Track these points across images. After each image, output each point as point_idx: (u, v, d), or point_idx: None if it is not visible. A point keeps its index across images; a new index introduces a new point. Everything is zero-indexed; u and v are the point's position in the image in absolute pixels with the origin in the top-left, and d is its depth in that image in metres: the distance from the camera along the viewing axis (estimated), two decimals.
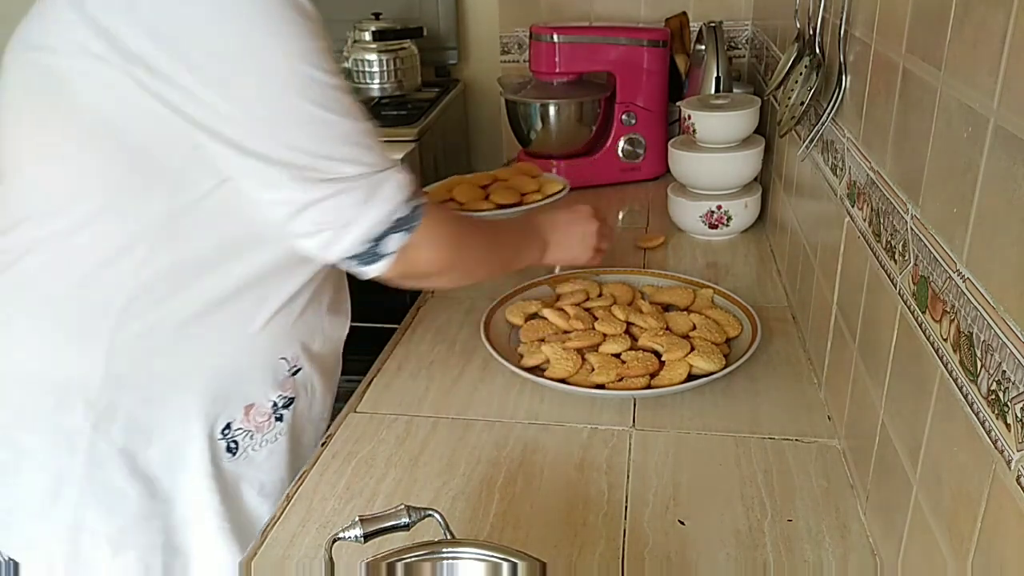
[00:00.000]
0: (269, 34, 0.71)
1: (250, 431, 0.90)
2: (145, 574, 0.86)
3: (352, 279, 1.05)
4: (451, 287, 1.01)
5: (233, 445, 0.89)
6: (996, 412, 0.50)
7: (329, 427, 0.97)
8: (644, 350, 1.03)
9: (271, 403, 0.91)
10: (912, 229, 0.66)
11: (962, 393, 0.55)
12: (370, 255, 0.80)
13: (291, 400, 0.93)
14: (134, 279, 0.80)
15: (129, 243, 0.78)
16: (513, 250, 1.03)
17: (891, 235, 0.72)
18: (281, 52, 0.72)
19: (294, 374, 0.93)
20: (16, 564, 0.84)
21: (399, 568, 0.56)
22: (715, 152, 1.40)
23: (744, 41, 1.96)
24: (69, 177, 0.78)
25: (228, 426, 0.88)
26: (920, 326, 0.64)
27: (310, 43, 0.73)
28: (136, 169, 0.76)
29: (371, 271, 0.82)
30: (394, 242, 0.81)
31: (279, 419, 0.92)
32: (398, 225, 0.80)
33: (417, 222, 0.82)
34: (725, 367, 0.98)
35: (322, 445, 0.93)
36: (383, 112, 1.97)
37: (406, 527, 0.60)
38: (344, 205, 0.77)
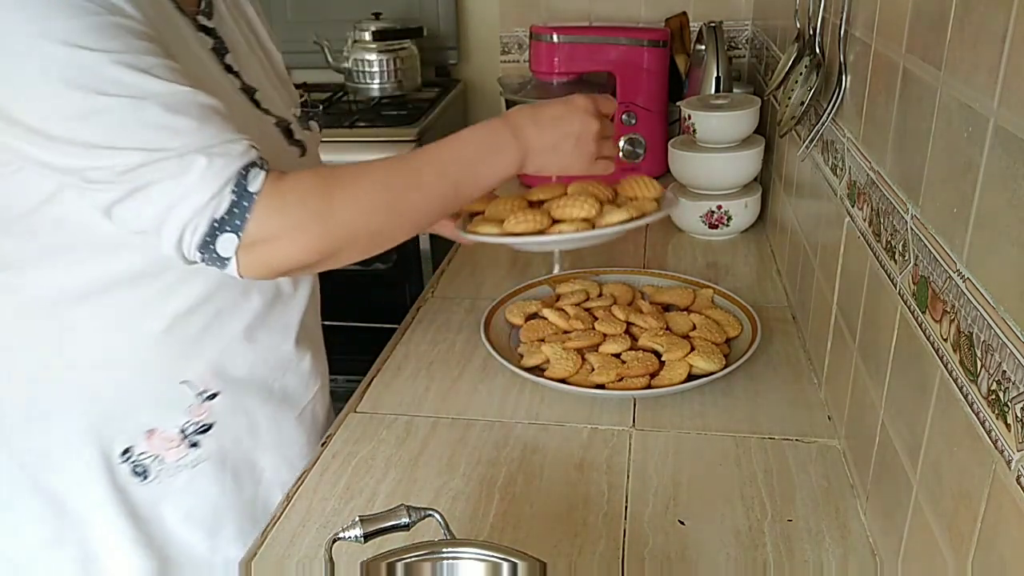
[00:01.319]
0: (13, 16, 0.62)
1: (158, 456, 0.85)
2: None
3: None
4: (367, 256, 0.77)
5: (140, 469, 0.85)
6: (996, 412, 0.50)
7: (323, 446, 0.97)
8: (644, 350, 1.03)
9: (178, 429, 0.86)
10: (912, 229, 0.66)
11: (962, 393, 0.55)
12: (213, 259, 0.69)
13: (208, 426, 0.87)
14: None
15: None
16: (457, 174, 0.79)
17: (891, 235, 0.72)
18: (30, 33, 0.62)
19: (209, 399, 0.87)
20: None
21: (399, 568, 0.56)
22: (715, 152, 1.40)
23: (744, 41, 1.96)
24: None
25: (128, 450, 0.84)
26: (920, 326, 0.64)
27: (67, 21, 0.63)
28: None
29: (233, 273, 0.70)
30: (225, 245, 0.68)
31: (194, 445, 0.87)
32: (220, 226, 0.67)
33: (244, 219, 0.67)
34: (725, 367, 0.98)
35: (322, 445, 0.93)
36: (383, 112, 1.97)
37: (406, 527, 0.60)
38: (149, 200, 0.66)
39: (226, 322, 0.87)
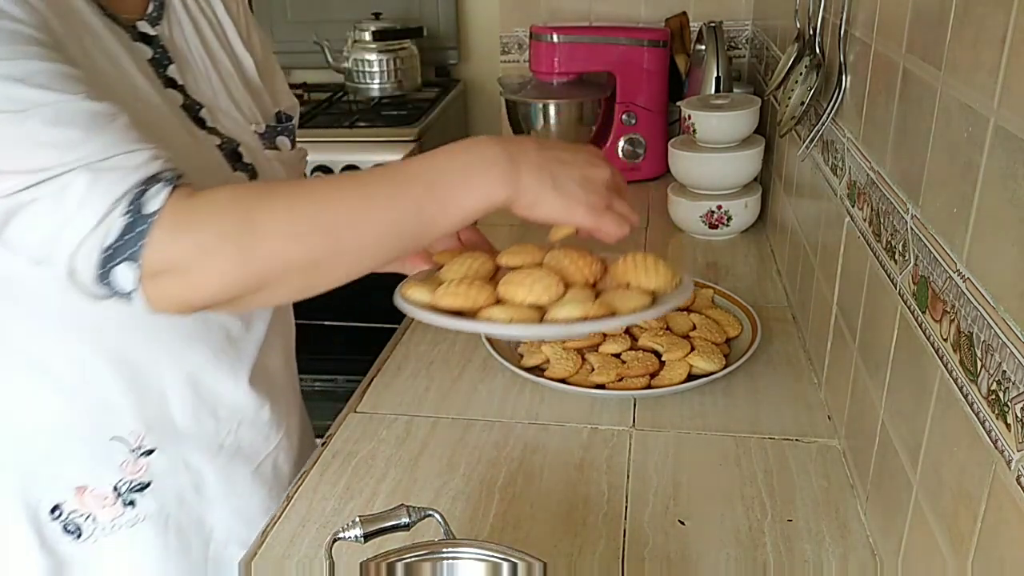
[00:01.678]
0: None
1: (90, 514, 0.80)
2: None
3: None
4: (307, 295, 0.63)
5: (72, 528, 0.80)
6: (996, 412, 0.50)
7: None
8: (644, 350, 1.03)
9: (111, 487, 0.80)
10: (912, 229, 0.66)
11: (962, 393, 0.55)
12: (115, 294, 0.58)
13: (144, 485, 0.81)
14: None
15: None
16: (421, 195, 0.61)
17: (891, 235, 0.72)
18: None
19: (144, 455, 0.81)
20: None
21: (399, 568, 0.56)
22: (715, 152, 1.40)
23: (744, 41, 1.96)
24: None
25: (58, 507, 0.79)
26: (920, 326, 0.64)
27: None
28: None
29: (141, 309, 0.59)
30: (124, 276, 0.57)
31: (130, 504, 0.81)
32: (114, 255, 0.56)
33: (140, 245, 0.56)
34: (725, 367, 0.98)
35: (322, 445, 0.93)
36: (383, 112, 1.97)
37: (406, 527, 0.60)
38: (32, 227, 0.58)
39: (160, 372, 0.79)
